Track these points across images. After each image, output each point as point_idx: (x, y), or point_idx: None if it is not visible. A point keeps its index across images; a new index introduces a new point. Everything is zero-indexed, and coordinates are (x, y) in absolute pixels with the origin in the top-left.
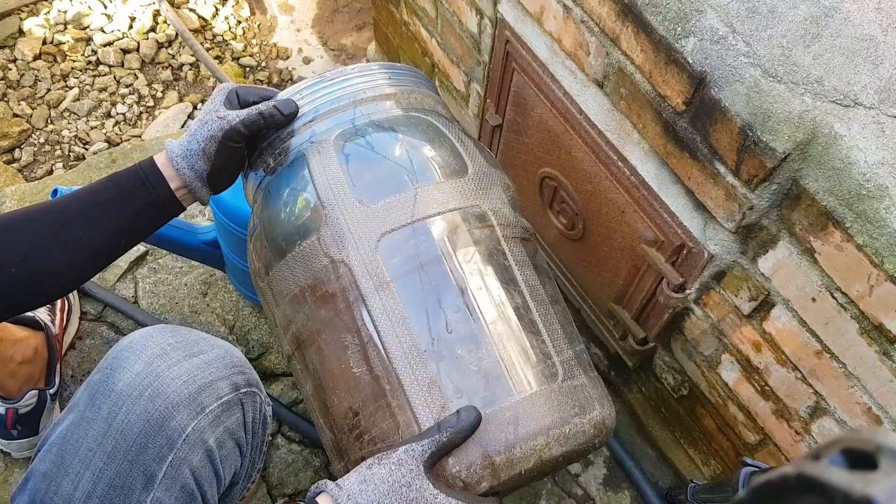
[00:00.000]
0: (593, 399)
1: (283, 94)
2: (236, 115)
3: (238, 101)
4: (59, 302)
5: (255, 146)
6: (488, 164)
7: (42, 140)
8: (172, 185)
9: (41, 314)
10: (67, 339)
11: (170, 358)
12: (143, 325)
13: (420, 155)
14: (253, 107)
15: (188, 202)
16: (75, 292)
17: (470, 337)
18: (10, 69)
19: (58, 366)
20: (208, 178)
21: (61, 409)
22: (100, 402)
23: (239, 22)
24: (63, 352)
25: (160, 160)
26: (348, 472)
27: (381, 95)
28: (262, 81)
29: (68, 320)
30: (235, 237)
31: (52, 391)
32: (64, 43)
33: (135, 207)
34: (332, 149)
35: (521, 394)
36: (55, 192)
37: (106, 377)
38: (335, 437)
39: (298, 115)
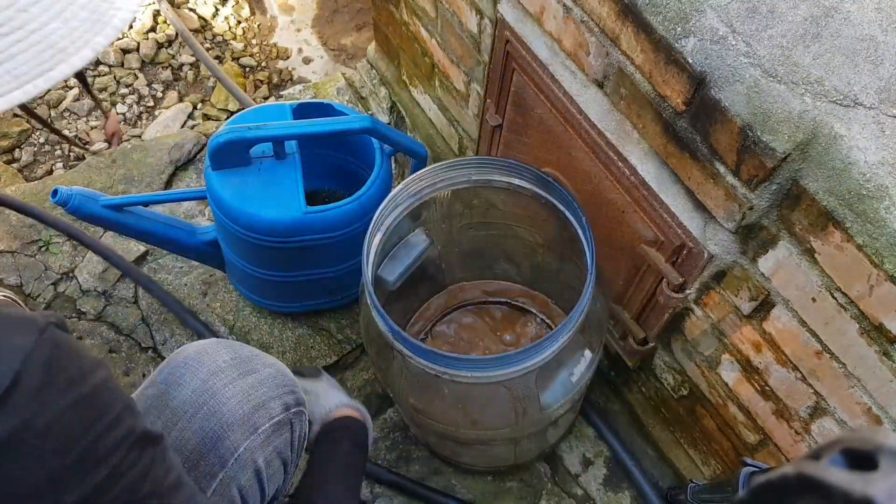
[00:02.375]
0: None
1: None
2: None
3: None
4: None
5: None
6: None
7: (42, 140)
8: None
9: None
10: None
11: (225, 376)
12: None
13: None
14: None
15: None
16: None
17: None
18: None
19: None
20: None
21: None
22: (154, 417)
23: (239, 22)
24: None
25: None
26: None
27: None
28: (262, 81)
29: None
30: (236, 237)
31: None
32: None
33: None
34: None
35: None
36: (55, 192)
37: (161, 392)
38: None
39: None
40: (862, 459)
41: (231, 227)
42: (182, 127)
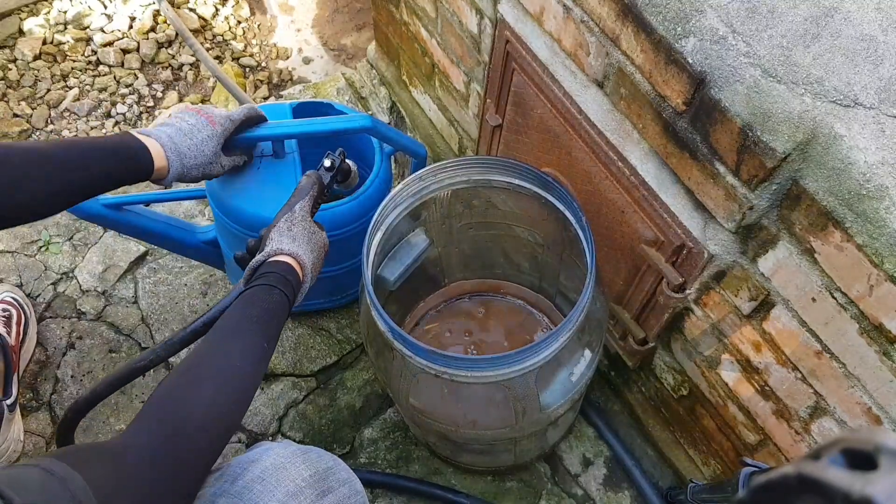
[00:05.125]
0: None
1: None
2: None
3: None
4: (15, 315)
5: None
6: None
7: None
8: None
9: None
10: (26, 354)
11: (304, 497)
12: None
13: None
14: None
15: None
16: (32, 311)
17: None
18: (10, 69)
19: (14, 376)
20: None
21: (23, 417)
22: None
23: (239, 22)
24: (23, 365)
25: (154, 150)
26: None
27: None
28: (262, 81)
29: (25, 333)
30: (236, 237)
31: (9, 401)
32: (64, 43)
33: (120, 178)
34: None
35: None
36: None
37: None
38: None
39: None
40: (862, 459)
41: (230, 225)
42: None
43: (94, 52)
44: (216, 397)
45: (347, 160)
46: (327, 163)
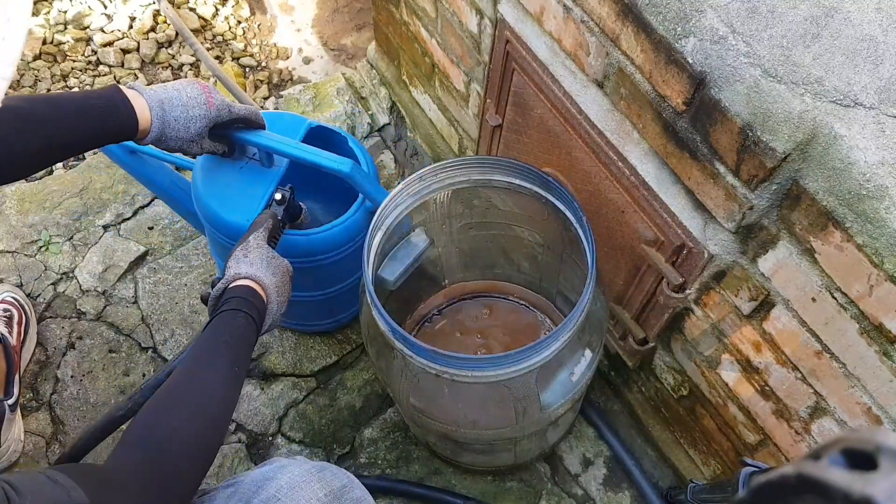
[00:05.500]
0: None
1: None
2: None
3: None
4: (16, 315)
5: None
6: None
7: None
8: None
9: None
10: (27, 354)
11: None
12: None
13: None
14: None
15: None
16: (32, 311)
17: None
18: None
19: (16, 376)
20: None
21: (23, 417)
22: None
23: (239, 22)
24: (23, 365)
25: (140, 110)
26: None
27: None
28: (262, 81)
29: (26, 333)
30: (228, 250)
31: (10, 401)
32: (64, 43)
33: (104, 139)
34: None
35: None
36: None
37: None
38: None
39: None
40: (862, 459)
41: (222, 239)
42: None
43: (94, 52)
44: (193, 424)
45: (300, 201)
46: (278, 196)
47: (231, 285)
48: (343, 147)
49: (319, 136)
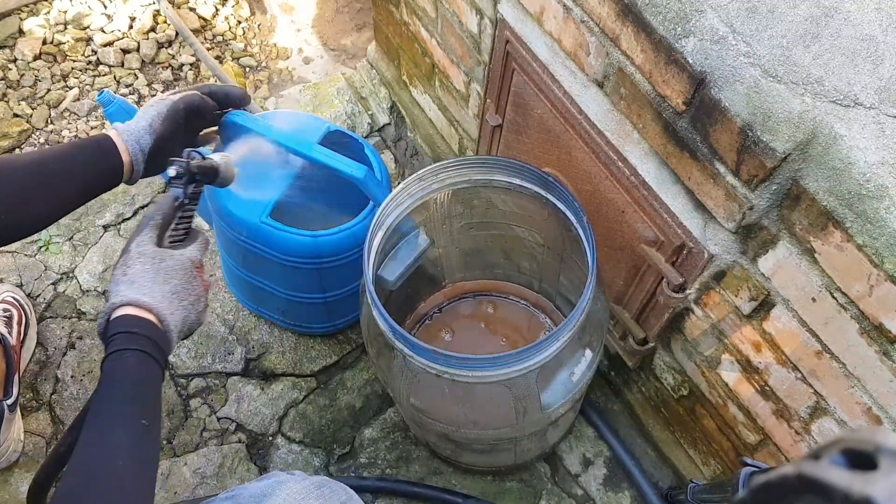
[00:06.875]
0: None
1: None
2: (179, 96)
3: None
4: (15, 315)
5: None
6: None
7: (42, 140)
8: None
9: None
10: (27, 354)
11: None
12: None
13: None
14: (196, 87)
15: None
16: (32, 311)
17: None
18: (10, 69)
19: (16, 376)
20: (150, 153)
21: (23, 417)
22: None
23: (239, 22)
24: (23, 365)
25: (114, 136)
26: None
27: None
28: (262, 81)
29: (26, 333)
30: (235, 244)
31: (9, 401)
32: (64, 43)
33: (100, 175)
34: None
35: None
36: (102, 92)
37: None
38: None
39: None
40: (862, 459)
41: (230, 233)
42: None
43: (94, 52)
44: (112, 495)
45: (210, 156)
46: (171, 172)
47: (112, 318)
48: (360, 153)
49: (336, 140)
